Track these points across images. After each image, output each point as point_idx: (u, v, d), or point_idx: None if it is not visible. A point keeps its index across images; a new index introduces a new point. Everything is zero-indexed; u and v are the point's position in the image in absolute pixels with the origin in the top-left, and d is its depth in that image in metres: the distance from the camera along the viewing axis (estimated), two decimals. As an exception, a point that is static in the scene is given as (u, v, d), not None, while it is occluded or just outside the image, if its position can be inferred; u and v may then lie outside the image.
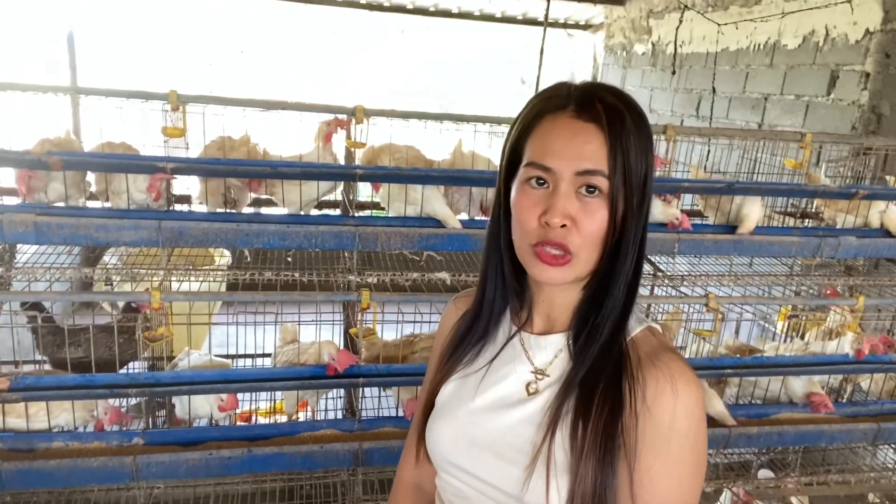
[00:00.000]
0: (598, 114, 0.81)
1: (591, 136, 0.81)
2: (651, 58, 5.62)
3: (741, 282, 2.39)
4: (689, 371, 0.83)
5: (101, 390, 1.73)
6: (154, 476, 1.74)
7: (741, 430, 2.06)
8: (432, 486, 1.02)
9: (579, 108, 0.82)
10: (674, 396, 0.80)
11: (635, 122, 0.82)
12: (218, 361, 1.99)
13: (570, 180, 0.81)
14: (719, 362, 2.12)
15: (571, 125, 0.82)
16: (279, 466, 1.80)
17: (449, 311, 1.06)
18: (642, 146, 0.82)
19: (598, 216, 0.81)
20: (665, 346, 0.87)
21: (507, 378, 0.91)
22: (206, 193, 2.08)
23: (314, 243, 1.99)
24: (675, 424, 0.80)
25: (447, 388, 0.96)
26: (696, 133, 2.47)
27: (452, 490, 0.93)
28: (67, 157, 1.89)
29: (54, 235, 1.86)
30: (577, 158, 0.81)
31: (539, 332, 0.93)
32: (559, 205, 0.81)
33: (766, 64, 4.21)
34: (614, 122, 0.81)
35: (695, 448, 0.81)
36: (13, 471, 1.63)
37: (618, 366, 0.84)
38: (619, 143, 0.80)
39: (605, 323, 0.86)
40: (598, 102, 0.82)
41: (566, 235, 0.81)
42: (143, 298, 1.80)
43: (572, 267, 0.83)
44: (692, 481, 0.82)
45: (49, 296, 1.75)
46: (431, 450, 0.95)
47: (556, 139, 0.82)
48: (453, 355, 0.97)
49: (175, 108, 2.06)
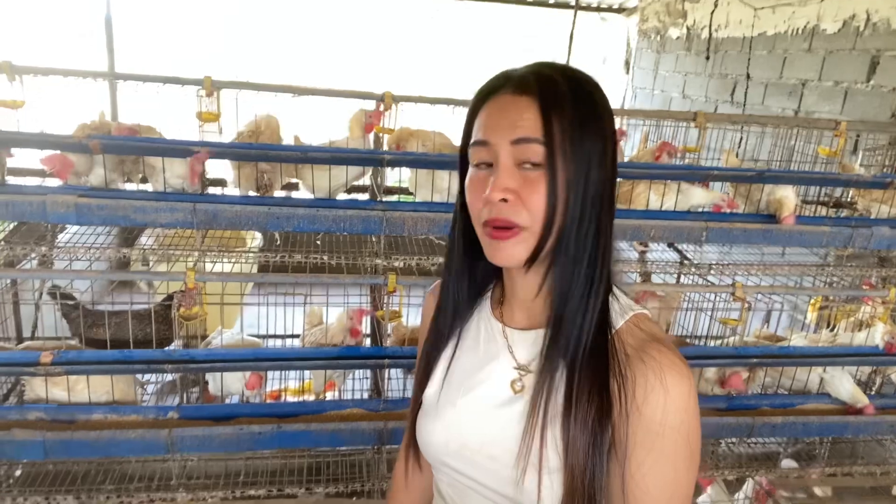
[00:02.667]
0: (531, 85, 0.81)
1: (525, 106, 0.80)
2: (686, 42, 5.53)
3: (770, 271, 2.37)
4: (678, 362, 0.81)
5: (139, 365, 1.80)
6: (188, 449, 1.81)
7: (765, 419, 2.06)
8: (430, 475, 1.02)
9: (516, 85, 0.82)
10: (664, 392, 0.78)
11: (574, 91, 0.81)
12: (250, 340, 2.05)
13: (507, 152, 0.80)
14: (745, 352, 2.11)
15: (508, 100, 0.82)
16: (306, 443, 1.86)
17: (429, 302, 1.04)
18: (585, 115, 0.80)
19: (539, 187, 0.79)
20: (653, 337, 0.84)
21: (492, 376, 0.90)
22: (240, 178, 2.13)
23: (342, 227, 2.03)
24: (666, 420, 0.78)
25: (432, 386, 0.95)
26: (727, 120, 2.45)
27: (447, 484, 0.94)
28: (107, 141, 1.96)
29: (94, 216, 1.93)
30: (511, 128, 0.80)
31: (520, 326, 0.91)
32: (498, 179, 0.80)
33: (805, 49, 4.12)
34: (547, 92, 0.80)
35: (688, 441, 0.79)
36: (56, 441, 1.72)
37: (604, 361, 0.82)
38: (554, 111, 0.79)
39: (574, 310, 0.83)
40: (532, 76, 0.82)
41: (510, 211, 0.80)
42: (178, 279, 1.86)
43: (521, 241, 0.81)
44: (686, 474, 0.80)
45: (88, 274, 1.82)
46: (424, 449, 0.94)
47: (493, 114, 0.83)
48: (433, 351, 0.96)
49: (209, 93, 2.11)
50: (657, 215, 2.26)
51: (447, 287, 0.95)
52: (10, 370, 1.74)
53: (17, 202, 1.86)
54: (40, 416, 1.78)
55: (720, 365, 2.15)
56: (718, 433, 2.07)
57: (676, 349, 0.84)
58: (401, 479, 1.08)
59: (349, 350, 1.88)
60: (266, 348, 2.09)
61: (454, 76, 9.43)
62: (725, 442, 2.26)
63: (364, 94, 2.18)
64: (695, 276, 2.36)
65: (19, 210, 1.88)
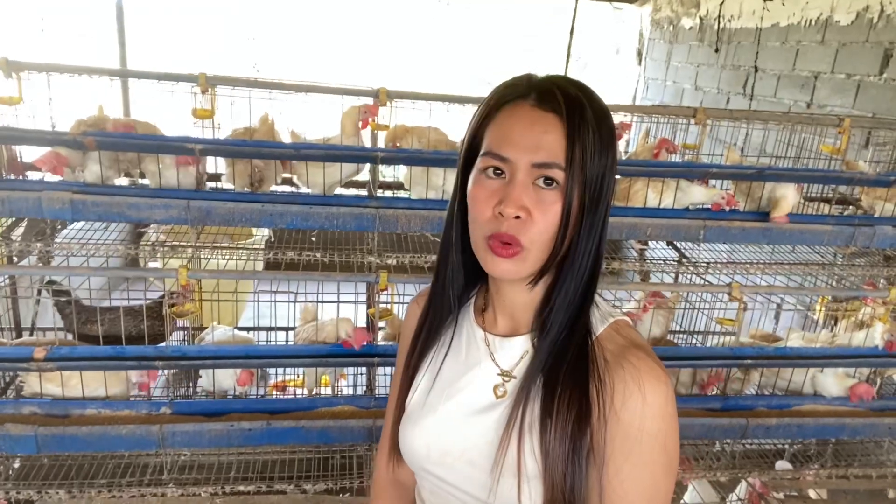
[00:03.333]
0: (558, 104, 0.79)
1: (550, 126, 0.79)
2: (699, 32, 5.45)
3: (771, 270, 2.34)
4: (657, 368, 0.81)
5: (131, 362, 1.82)
6: (179, 444, 1.83)
7: (759, 420, 2.04)
8: (411, 481, 1.03)
9: (539, 98, 0.81)
10: (642, 398, 0.79)
11: (596, 115, 0.80)
12: (240, 337, 2.07)
13: (526, 171, 0.79)
14: (740, 352, 2.09)
15: (530, 114, 0.80)
16: (297, 440, 1.87)
17: (411, 310, 1.04)
18: (602, 142, 0.80)
19: (553, 209, 0.79)
20: (632, 343, 0.85)
21: (474, 382, 0.90)
22: (234, 174, 2.14)
23: (336, 224, 2.03)
24: (644, 426, 0.79)
25: (415, 393, 0.96)
26: (728, 116, 2.40)
27: (429, 491, 0.94)
28: (101, 138, 1.97)
29: (89, 213, 1.95)
30: (534, 149, 0.79)
31: (504, 333, 0.92)
32: (514, 195, 0.79)
33: (818, 41, 4.04)
34: (574, 113, 0.78)
35: (665, 449, 0.80)
36: (49, 435, 1.74)
37: (584, 368, 0.82)
38: (578, 135, 0.78)
39: (562, 322, 0.84)
40: (558, 92, 0.80)
41: (519, 228, 0.80)
42: (171, 276, 1.88)
43: (523, 260, 0.81)
44: (664, 482, 0.81)
45: (82, 271, 1.84)
46: (406, 456, 0.95)
47: (514, 128, 0.81)
48: (417, 357, 0.97)
49: (204, 90, 2.12)
50: (654, 213, 2.24)
51: (437, 293, 0.95)
52: (3, 365, 1.76)
53: (14, 198, 1.89)
54: (34, 410, 1.81)
55: (715, 366, 2.13)
56: (711, 434, 2.06)
57: (655, 356, 0.85)
58: (385, 478, 1.08)
59: (340, 348, 1.88)
60: (257, 346, 2.10)
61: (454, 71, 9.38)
62: (720, 442, 2.24)
63: (359, 91, 2.17)
64: (692, 274, 2.33)
65: (15, 206, 1.91)
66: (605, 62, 6.97)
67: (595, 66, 7.67)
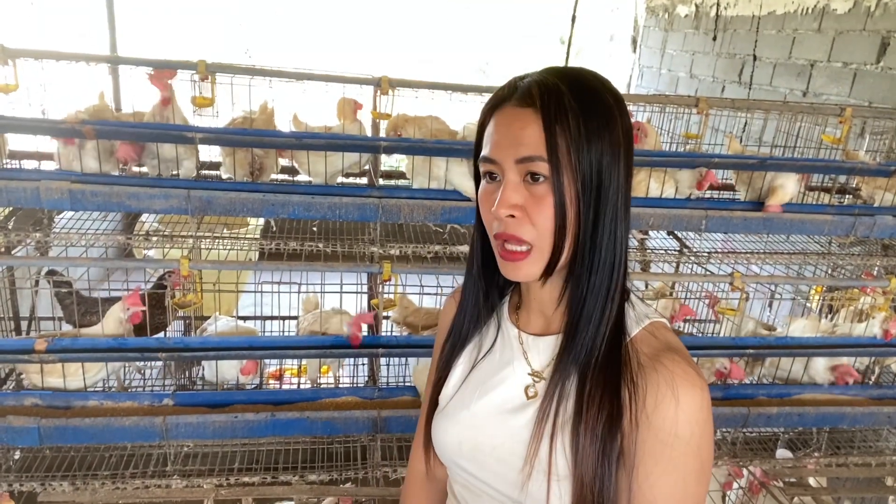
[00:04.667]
0: (534, 98, 0.79)
1: (527, 120, 0.79)
2: (694, 20, 5.44)
3: (771, 259, 2.34)
4: (691, 373, 0.80)
5: (133, 353, 1.81)
6: (182, 436, 1.82)
7: (760, 409, 2.05)
8: (444, 475, 1.04)
9: (519, 96, 0.81)
10: (675, 403, 0.77)
11: (580, 101, 0.78)
12: (244, 328, 2.05)
13: (513, 169, 0.80)
14: (742, 342, 2.10)
15: (511, 113, 0.81)
16: (301, 431, 1.86)
17: (449, 305, 1.05)
18: (592, 124, 0.78)
19: (545, 202, 0.79)
20: (667, 346, 0.84)
21: (506, 381, 0.90)
22: (234, 164, 2.11)
23: (338, 214, 2.02)
24: (676, 431, 0.77)
25: (448, 388, 0.96)
26: (730, 106, 2.40)
27: (461, 485, 0.95)
28: (100, 126, 1.94)
29: (88, 203, 1.92)
30: (514, 145, 0.79)
31: (537, 332, 0.92)
32: (504, 195, 0.80)
33: (814, 29, 4.04)
34: (549, 103, 0.78)
35: (698, 454, 0.78)
36: (51, 427, 1.73)
37: (616, 370, 0.82)
38: (556, 124, 0.77)
39: (592, 321, 0.83)
40: (535, 86, 0.80)
41: (517, 227, 0.80)
42: (172, 266, 1.86)
43: (534, 259, 0.81)
44: (695, 488, 0.79)
45: (82, 262, 1.82)
46: (438, 450, 0.96)
47: (497, 130, 0.82)
48: (452, 353, 0.97)
49: (204, 77, 2.09)
50: (657, 203, 2.24)
51: (468, 290, 0.96)
52: (4, 357, 1.74)
53: (12, 188, 1.86)
54: (36, 402, 1.79)
55: (717, 356, 2.14)
56: (713, 423, 2.07)
57: (692, 360, 0.83)
58: (419, 470, 1.09)
59: (343, 339, 1.87)
60: (260, 337, 2.09)
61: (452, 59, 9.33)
62: (720, 431, 2.25)
63: (360, 80, 2.15)
64: (694, 264, 2.34)
65: (14, 196, 1.88)
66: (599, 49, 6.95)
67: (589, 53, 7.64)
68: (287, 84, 2.15)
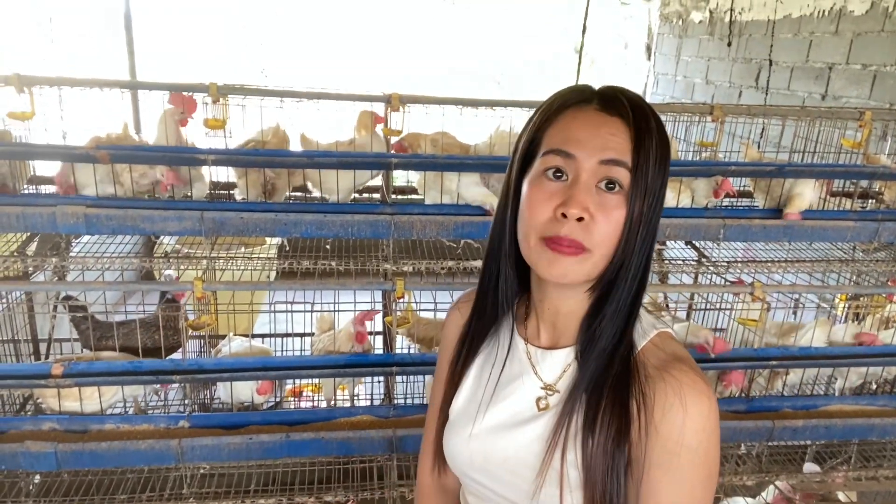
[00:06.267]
0: (625, 109, 0.79)
1: (617, 129, 0.79)
2: (709, 26, 5.39)
3: (792, 268, 2.29)
4: (699, 382, 0.80)
5: (148, 376, 1.81)
6: (198, 458, 1.81)
7: (786, 422, 2.00)
8: (455, 485, 1.04)
9: (604, 103, 0.81)
10: (683, 412, 0.78)
11: (658, 127, 0.80)
12: (258, 348, 2.05)
13: (591, 171, 0.78)
14: (764, 353, 2.05)
15: (597, 116, 0.80)
16: (316, 451, 1.85)
17: (453, 317, 1.03)
18: (663, 153, 0.80)
19: (616, 214, 0.78)
20: (675, 356, 0.84)
21: (517, 393, 0.90)
22: (247, 185, 2.12)
23: (351, 232, 2.01)
24: (684, 440, 0.78)
25: (458, 401, 0.96)
26: (746, 112, 2.36)
27: (474, 496, 0.95)
28: (114, 151, 1.96)
29: (103, 226, 1.94)
30: (602, 147, 0.78)
31: (546, 345, 0.91)
32: (579, 196, 0.77)
33: (831, 31, 3.98)
34: (640, 119, 0.79)
35: (705, 463, 0.79)
36: (68, 452, 1.73)
37: (626, 382, 0.82)
38: (644, 140, 0.78)
39: (610, 335, 0.83)
40: (623, 98, 0.80)
41: (582, 231, 0.78)
42: (186, 288, 1.86)
43: (585, 261, 0.79)
44: (703, 495, 0.80)
45: (97, 285, 1.83)
46: (450, 462, 0.95)
47: (581, 128, 0.80)
48: (460, 365, 0.96)
49: (216, 99, 2.10)
50: (673, 213, 2.21)
51: (484, 302, 0.94)
52: (22, 382, 1.75)
53: (28, 213, 1.88)
54: (53, 426, 1.80)
55: (741, 367, 2.09)
56: (737, 437, 2.02)
57: (699, 369, 0.84)
58: (428, 483, 1.08)
59: (357, 357, 1.86)
60: (275, 357, 2.09)
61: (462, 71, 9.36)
62: (745, 445, 2.20)
63: (371, 97, 2.15)
64: (713, 274, 2.29)
65: (31, 221, 1.90)
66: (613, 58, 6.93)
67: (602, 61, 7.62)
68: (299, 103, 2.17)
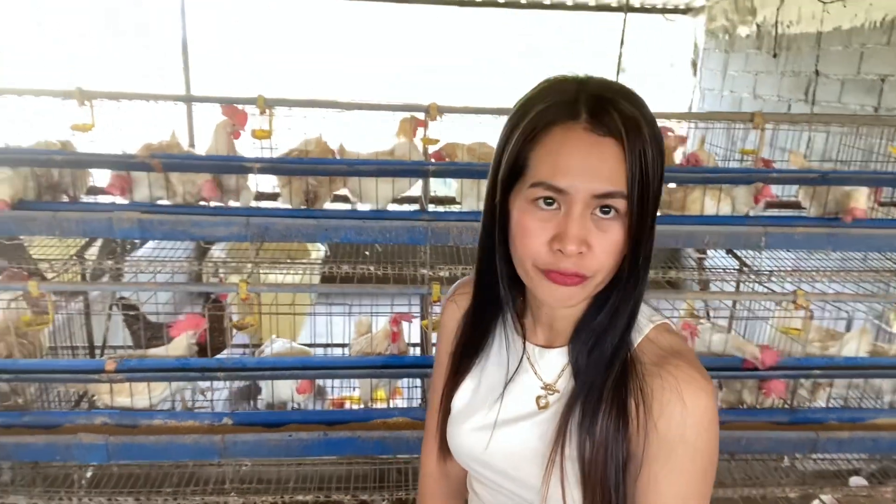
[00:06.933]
0: (616, 126, 0.73)
1: (608, 154, 0.73)
2: (756, 40, 5.32)
3: (838, 278, 2.24)
4: (697, 376, 0.79)
5: (194, 373, 1.89)
6: (240, 454, 1.87)
7: (830, 433, 1.94)
8: (459, 470, 1.03)
9: (593, 119, 0.73)
10: (682, 408, 0.77)
11: (652, 131, 0.74)
12: (298, 349, 2.11)
13: (584, 203, 0.73)
14: (808, 363, 2.01)
15: (586, 139, 0.73)
16: (353, 450, 1.89)
17: (450, 309, 1.00)
18: (659, 159, 0.75)
19: (614, 238, 0.75)
20: (671, 351, 0.82)
21: (516, 390, 0.90)
22: (290, 192, 2.20)
23: (388, 238, 2.06)
24: (684, 435, 0.77)
25: (460, 395, 0.95)
26: (788, 120, 2.34)
27: (480, 482, 0.96)
28: (167, 160, 2.07)
29: (156, 231, 2.04)
30: (594, 179, 0.73)
31: (543, 343, 0.90)
32: (574, 231, 0.73)
33: (883, 42, 3.89)
34: (632, 136, 0.73)
35: (704, 456, 0.78)
36: (118, 444, 1.81)
37: (623, 380, 0.81)
38: (637, 160, 0.73)
39: (608, 335, 0.82)
40: (613, 111, 0.73)
41: (580, 263, 0.75)
42: (231, 289, 1.94)
43: (585, 287, 0.77)
44: (702, 489, 0.79)
45: (149, 286, 1.92)
46: (454, 453, 0.95)
47: (569, 157, 0.73)
48: (460, 360, 0.95)
49: (262, 111, 2.20)
50: (712, 220, 2.19)
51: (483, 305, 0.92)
52: (78, 377, 1.85)
53: (87, 219, 1.99)
54: (105, 420, 1.89)
55: (781, 377, 2.05)
56: (779, 448, 1.97)
57: (698, 362, 0.82)
58: (432, 470, 1.07)
59: (393, 359, 1.90)
60: (313, 357, 2.14)
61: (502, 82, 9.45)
62: (789, 458, 2.14)
63: (410, 107, 2.21)
64: (754, 283, 2.26)
65: (89, 227, 2.01)
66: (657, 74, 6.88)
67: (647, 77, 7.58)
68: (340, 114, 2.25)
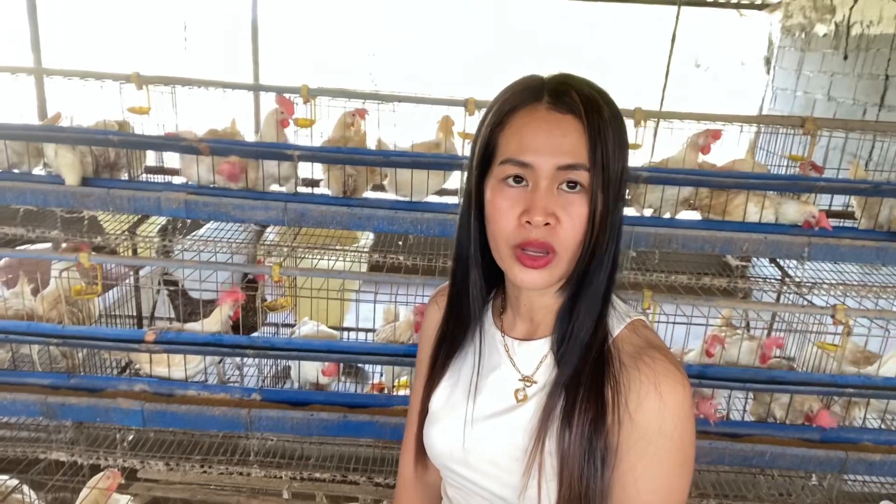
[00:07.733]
0: (575, 104, 0.78)
1: (569, 128, 0.78)
2: (833, 40, 5.07)
3: (885, 293, 2.14)
4: (673, 369, 0.80)
5: (226, 348, 1.98)
6: (264, 428, 1.96)
7: (860, 454, 1.87)
8: (436, 480, 1.05)
9: (554, 99, 0.79)
10: (658, 399, 0.79)
11: (612, 113, 0.79)
12: (325, 332, 2.18)
13: (550, 176, 0.78)
14: (843, 380, 1.93)
15: (548, 117, 0.79)
16: (371, 433, 1.95)
17: (431, 311, 1.03)
18: (619, 139, 0.79)
19: (579, 212, 0.78)
20: (648, 344, 0.84)
21: (495, 385, 0.91)
22: (329, 179, 2.27)
23: (420, 229, 2.10)
24: (661, 427, 0.79)
25: (438, 395, 0.96)
26: (842, 127, 2.24)
27: (454, 488, 0.96)
28: (214, 144, 2.16)
29: (200, 212, 2.14)
30: (557, 152, 0.77)
31: (522, 336, 0.91)
32: (541, 202, 0.77)
33: (967, 46, 3.65)
34: (592, 113, 0.77)
35: (681, 448, 0.80)
36: (153, 411, 1.93)
37: (600, 370, 0.82)
38: (598, 135, 0.77)
39: (584, 325, 0.83)
40: (573, 93, 0.78)
41: (549, 234, 0.78)
42: (265, 271, 2.03)
43: (554, 267, 0.80)
44: (679, 481, 0.81)
45: (191, 264, 2.03)
46: (431, 456, 0.96)
47: (534, 133, 0.78)
48: (438, 360, 0.97)
49: (306, 100, 2.27)
50: (751, 228, 2.13)
51: (456, 300, 0.94)
52: (119, 346, 1.97)
53: (138, 197, 2.11)
54: (144, 388, 2.01)
55: (814, 393, 1.99)
56: (805, 466, 1.91)
57: (673, 356, 0.84)
58: (409, 477, 1.10)
59: (414, 348, 1.93)
60: (338, 341, 2.21)
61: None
62: (816, 477, 2.07)
63: (448, 101, 2.24)
64: (795, 294, 2.18)
65: (139, 205, 2.13)
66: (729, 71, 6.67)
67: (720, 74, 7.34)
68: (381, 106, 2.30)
